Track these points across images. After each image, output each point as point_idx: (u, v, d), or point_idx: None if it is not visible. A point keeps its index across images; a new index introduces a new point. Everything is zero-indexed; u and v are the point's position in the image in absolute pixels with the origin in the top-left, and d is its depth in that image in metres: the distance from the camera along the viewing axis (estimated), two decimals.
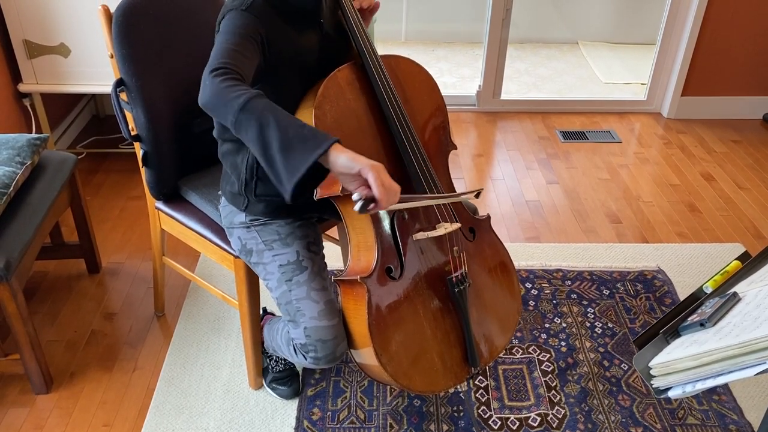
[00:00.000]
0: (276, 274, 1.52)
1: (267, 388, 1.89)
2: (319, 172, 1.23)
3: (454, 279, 1.52)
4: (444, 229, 1.46)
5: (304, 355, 1.51)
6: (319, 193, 1.43)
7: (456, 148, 1.66)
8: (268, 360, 1.87)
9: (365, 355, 1.47)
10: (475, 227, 1.63)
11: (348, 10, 1.44)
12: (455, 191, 1.61)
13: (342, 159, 1.17)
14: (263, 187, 1.51)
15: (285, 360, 1.87)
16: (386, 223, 1.46)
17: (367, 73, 1.44)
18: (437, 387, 1.54)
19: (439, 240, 1.52)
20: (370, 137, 1.44)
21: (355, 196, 1.20)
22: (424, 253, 1.51)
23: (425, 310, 1.51)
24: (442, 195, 1.48)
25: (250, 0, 1.33)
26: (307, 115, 1.37)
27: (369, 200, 1.19)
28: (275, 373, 1.87)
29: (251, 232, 1.56)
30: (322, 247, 1.60)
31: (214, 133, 1.56)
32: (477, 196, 1.50)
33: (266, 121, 1.18)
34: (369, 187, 1.19)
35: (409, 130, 1.46)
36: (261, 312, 1.92)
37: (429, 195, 1.46)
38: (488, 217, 1.67)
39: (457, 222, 1.53)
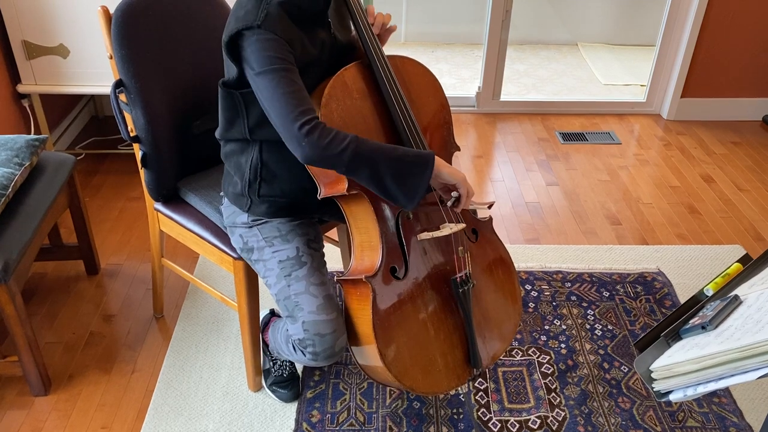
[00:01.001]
0: (275, 270, 1.51)
1: (267, 390, 1.88)
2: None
3: (458, 279, 1.52)
4: (449, 229, 1.46)
5: (302, 351, 1.50)
6: (323, 192, 1.42)
7: (459, 149, 1.66)
8: (271, 362, 1.86)
9: (369, 355, 1.46)
10: (478, 228, 1.63)
11: (355, 10, 1.44)
12: None
13: (444, 174, 1.39)
14: (267, 188, 1.51)
15: (288, 364, 1.86)
16: (391, 223, 1.46)
17: (373, 72, 1.44)
18: (440, 388, 1.54)
19: (443, 240, 1.52)
20: (375, 136, 1.44)
21: (449, 202, 1.44)
22: (428, 254, 1.51)
23: (429, 310, 1.50)
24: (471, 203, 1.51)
25: (264, 13, 1.30)
26: None
27: (455, 199, 1.43)
28: (277, 377, 1.86)
29: (253, 230, 1.56)
30: (323, 245, 1.60)
31: (217, 133, 1.55)
32: (490, 207, 1.59)
33: (376, 162, 1.32)
34: (449, 188, 1.43)
35: (415, 129, 1.46)
36: (268, 314, 1.91)
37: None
38: (490, 219, 1.67)
39: (461, 222, 1.53)
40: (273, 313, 1.98)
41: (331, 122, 1.37)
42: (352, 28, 1.51)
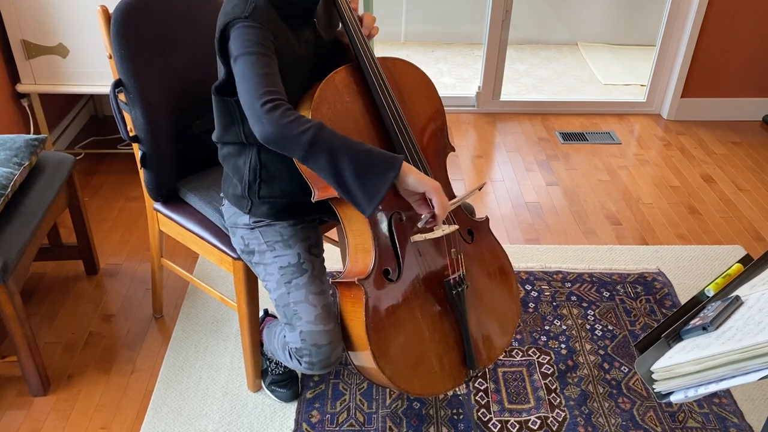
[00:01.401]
0: (276, 276, 1.51)
1: (266, 390, 1.88)
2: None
3: (451, 281, 1.52)
4: (442, 231, 1.46)
5: (298, 360, 1.50)
6: (317, 195, 1.42)
7: (454, 150, 1.65)
8: (267, 362, 1.86)
9: (363, 358, 1.46)
10: (474, 229, 1.62)
11: (345, 12, 1.43)
12: (453, 193, 1.60)
13: (411, 180, 1.29)
14: (267, 189, 1.50)
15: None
16: (384, 226, 1.45)
17: (364, 76, 1.43)
18: (436, 390, 1.53)
19: (437, 242, 1.51)
20: (367, 139, 1.43)
21: (421, 222, 1.35)
22: (422, 255, 1.50)
23: (423, 312, 1.50)
24: (458, 199, 1.47)
25: (252, 6, 1.31)
26: None
27: (430, 216, 1.34)
28: (275, 376, 1.86)
29: (254, 232, 1.55)
30: (323, 250, 1.60)
31: (214, 136, 1.55)
32: (480, 189, 1.52)
33: (336, 152, 1.24)
34: (425, 200, 1.33)
35: (407, 132, 1.46)
36: (262, 314, 1.91)
37: (453, 200, 1.46)
38: (487, 219, 1.66)
39: (454, 224, 1.52)
40: (267, 313, 1.98)
41: None
42: (340, 26, 1.50)
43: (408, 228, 1.47)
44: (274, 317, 1.94)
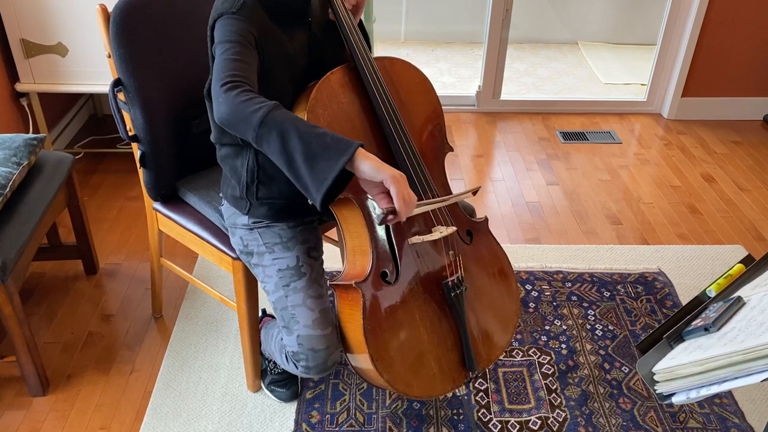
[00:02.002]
0: (274, 278, 1.51)
1: (266, 390, 1.87)
2: (348, 175, 1.23)
3: (450, 283, 1.51)
4: (440, 233, 1.45)
5: (295, 364, 1.50)
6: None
7: (452, 150, 1.64)
8: (267, 362, 1.86)
9: (361, 360, 1.45)
10: (473, 230, 1.61)
11: (340, 12, 1.43)
12: (451, 192, 1.59)
13: (366, 166, 1.18)
14: (265, 190, 1.50)
15: None
16: (381, 228, 1.44)
17: (360, 76, 1.43)
18: (435, 392, 1.53)
19: (435, 244, 1.50)
20: (363, 140, 1.42)
21: (377, 211, 1.22)
22: (420, 257, 1.49)
23: (422, 314, 1.49)
24: (444, 198, 1.46)
25: (241, 2, 1.32)
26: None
27: (389, 212, 1.22)
28: (274, 375, 1.86)
29: (253, 233, 1.55)
30: (322, 252, 1.59)
31: (212, 137, 1.54)
32: (474, 194, 1.49)
33: (287, 133, 1.18)
34: (389, 195, 1.21)
35: (403, 132, 1.45)
36: (260, 314, 1.90)
37: (435, 200, 1.44)
38: (486, 220, 1.65)
39: (452, 225, 1.52)
40: (265, 313, 1.98)
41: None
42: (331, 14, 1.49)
43: (406, 230, 1.46)
44: (272, 317, 1.94)
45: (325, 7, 1.48)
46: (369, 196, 1.39)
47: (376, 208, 1.43)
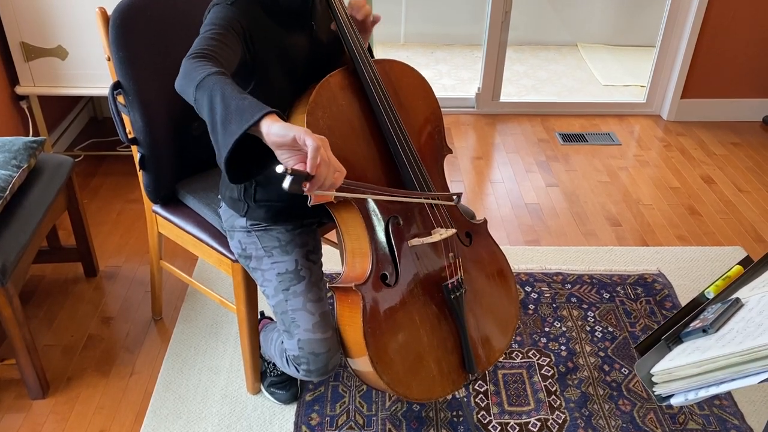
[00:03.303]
0: (273, 282, 1.51)
1: (265, 392, 1.88)
2: (261, 148, 1.16)
3: (449, 285, 1.51)
4: (439, 235, 1.45)
5: (296, 367, 1.50)
6: (312, 200, 1.41)
7: (451, 152, 1.64)
8: (266, 364, 1.86)
9: (361, 363, 1.45)
10: (472, 232, 1.61)
11: (339, 14, 1.43)
12: (449, 191, 1.59)
13: (275, 128, 1.09)
14: (263, 193, 1.50)
15: None
16: (381, 230, 1.44)
17: (359, 78, 1.43)
18: (434, 394, 1.53)
19: (434, 246, 1.51)
20: (363, 142, 1.43)
21: (279, 168, 1.08)
22: (419, 260, 1.49)
23: (421, 316, 1.49)
24: (423, 193, 1.44)
25: None
26: (299, 121, 1.36)
27: (301, 176, 1.08)
28: (273, 377, 1.86)
29: (251, 236, 1.55)
30: (321, 255, 1.59)
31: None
32: (456, 201, 1.46)
33: (215, 95, 1.14)
34: (301, 158, 1.11)
35: (403, 134, 1.45)
36: (258, 316, 1.90)
37: (396, 191, 1.41)
38: (485, 222, 1.65)
39: (452, 228, 1.52)
40: (263, 315, 1.98)
41: (317, 129, 1.35)
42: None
43: (405, 232, 1.47)
44: (271, 319, 1.94)
45: (327, 10, 1.48)
46: (369, 199, 1.40)
47: (376, 211, 1.42)
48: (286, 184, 1.06)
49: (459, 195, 1.51)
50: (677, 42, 3.35)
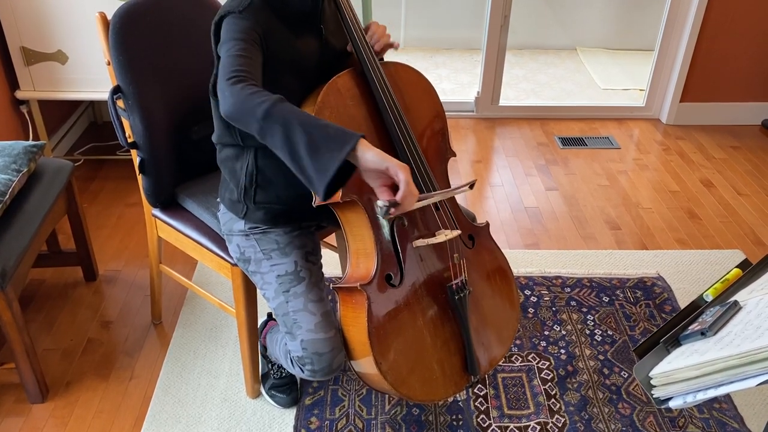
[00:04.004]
0: (273, 285, 1.51)
1: (265, 395, 1.87)
2: (350, 167, 1.22)
3: (454, 286, 1.51)
4: (444, 236, 1.46)
5: (300, 368, 1.50)
6: (318, 199, 1.42)
7: (455, 155, 1.65)
8: (269, 365, 1.86)
9: (364, 363, 1.46)
10: (475, 234, 1.62)
11: (348, 16, 1.44)
12: (455, 199, 1.60)
13: (370, 155, 1.18)
14: (262, 195, 1.50)
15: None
16: (386, 230, 1.45)
17: (366, 80, 1.44)
18: (437, 395, 1.53)
19: (438, 247, 1.51)
20: (370, 142, 1.43)
21: (380, 203, 1.20)
22: (423, 260, 1.50)
23: (425, 317, 1.50)
24: (442, 191, 1.46)
25: (248, 2, 1.34)
26: None
27: (392, 204, 1.20)
28: (275, 380, 1.86)
29: (250, 240, 1.55)
30: (320, 257, 1.59)
31: (213, 138, 1.55)
32: (471, 187, 1.48)
33: (291, 125, 1.18)
34: (391, 188, 1.21)
35: (410, 136, 1.46)
36: (265, 318, 1.90)
37: (433, 193, 1.44)
38: (487, 224, 1.66)
39: (457, 229, 1.52)
40: (270, 317, 1.98)
41: None
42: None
43: (410, 233, 1.47)
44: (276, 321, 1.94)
45: (337, 13, 1.48)
46: (373, 198, 1.40)
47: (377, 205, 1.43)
48: (381, 212, 1.20)
49: (473, 182, 1.51)
50: (676, 46, 3.36)
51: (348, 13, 1.44)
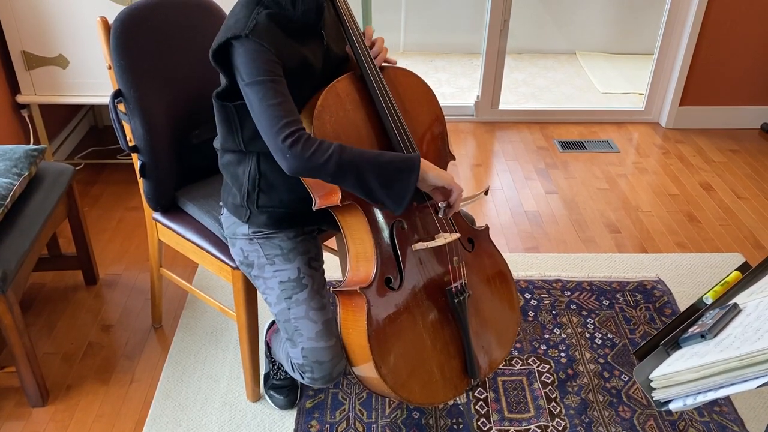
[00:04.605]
0: (276, 290, 1.51)
1: (265, 394, 1.88)
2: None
3: (453, 289, 1.52)
4: (443, 239, 1.46)
5: (301, 375, 1.51)
6: (318, 204, 1.42)
7: (454, 159, 1.66)
8: (271, 365, 1.86)
9: (364, 367, 1.46)
10: (474, 238, 1.62)
11: (347, 21, 1.44)
12: None
13: (431, 176, 1.38)
14: (265, 199, 1.51)
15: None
16: (385, 234, 1.45)
17: (366, 84, 1.44)
18: (437, 399, 1.53)
19: (438, 250, 1.51)
20: (369, 147, 1.44)
21: (441, 212, 1.44)
22: (423, 264, 1.50)
23: (424, 320, 1.50)
24: (462, 200, 1.48)
25: (254, 23, 1.32)
26: (306, 125, 1.37)
27: (446, 205, 1.43)
28: (276, 381, 1.86)
29: (253, 244, 1.55)
30: (323, 262, 1.60)
31: (215, 142, 1.55)
32: (486, 193, 1.59)
33: (361, 170, 1.32)
34: (441, 192, 1.42)
35: (408, 140, 1.46)
36: (258, 323, 1.90)
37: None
38: (487, 228, 1.66)
39: (456, 232, 1.53)
40: None
41: (323, 134, 1.36)
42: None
43: (410, 236, 1.48)
44: None
45: (337, 18, 1.49)
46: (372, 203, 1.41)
47: (380, 215, 1.45)
48: (441, 213, 1.45)
49: (487, 189, 1.65)
50: (675, 50, 3.36)
51: (348, 18, 1.44)
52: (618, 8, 4.73)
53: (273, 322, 1.88)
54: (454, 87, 4.25)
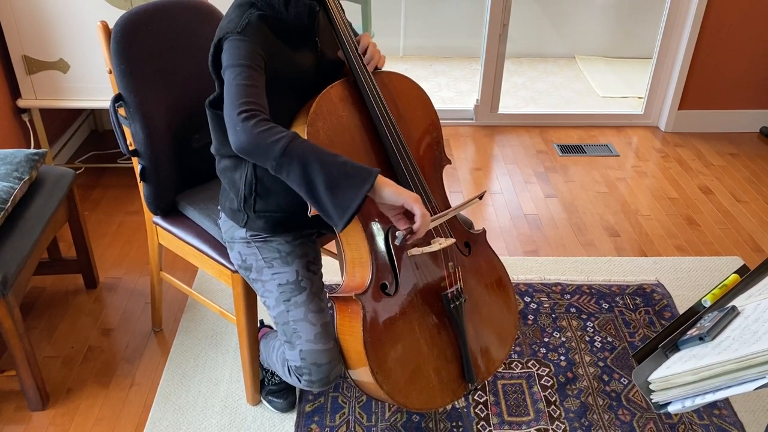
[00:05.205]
0: (274, 293, 1.52)
1: (263, 401, 1.88)
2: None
3: (449, 295, 1.52)
4: (439, 244, 1.46)
5: (298, 378, 1.51)
6: (313, 210, 1.42)
7: (450, 163, 1.66)
8: (264, 372, 1.86)
9: (361, 372, 1.46)
10: (471, 242, 1.62)
11: (339, 27, 1.45)
12: (450, 205, 1.60)
13: (386, 192, 1.26)
14: (262, 204, 1.51)
15: None
16: (380, 240, 1.45)
17: (359, 90, 1.44)
18: (434, 404, 1.53)
19: (434, 255, 1.51)
20: (363, 153, 1.44)
21: (398, 233, 1.29)
22: (419, 269, 1.50)
23: (421, 326, 1.50)
24: (454, 208, 1.47)
25: (245, 22, 1.34)
26: (300, 132, 1.37)
27: (408, 232, 1.30)
28: (271, 386, 1.86)
29: (252, 248, 1.55)
30: (321, 266, 1.60)
31: (212, 148, 1.56)
32: (481, 198, 1.51)
33: (308, 162, 1.23)
34: (405, 215, 1.31)
35: (402, 145, 1.46)
36: (258, 324, 1.91)
37: (444, 212, 1.46)
38: (484, 231, 1.66)
39: (451, 237, 1.53)
40: (263, 324, 1.98)
41: (317, 140, 1.36)
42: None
43: (405, 241, 1.48)
44: (270, 328, 1.95)
45: (329, 24, 1.49)
46: (373, 209, 1.41)
47: (380, 228, 1.44)
48: (398, 241, 1.30)
49: (482, 194, 1.54)
50: (674, 53, 3.37)
51: (339, 23, 1.45)
52: (617, 12, 4.74)
53: (259, 330, 1.88)
54: (453, 91, 4.26)
